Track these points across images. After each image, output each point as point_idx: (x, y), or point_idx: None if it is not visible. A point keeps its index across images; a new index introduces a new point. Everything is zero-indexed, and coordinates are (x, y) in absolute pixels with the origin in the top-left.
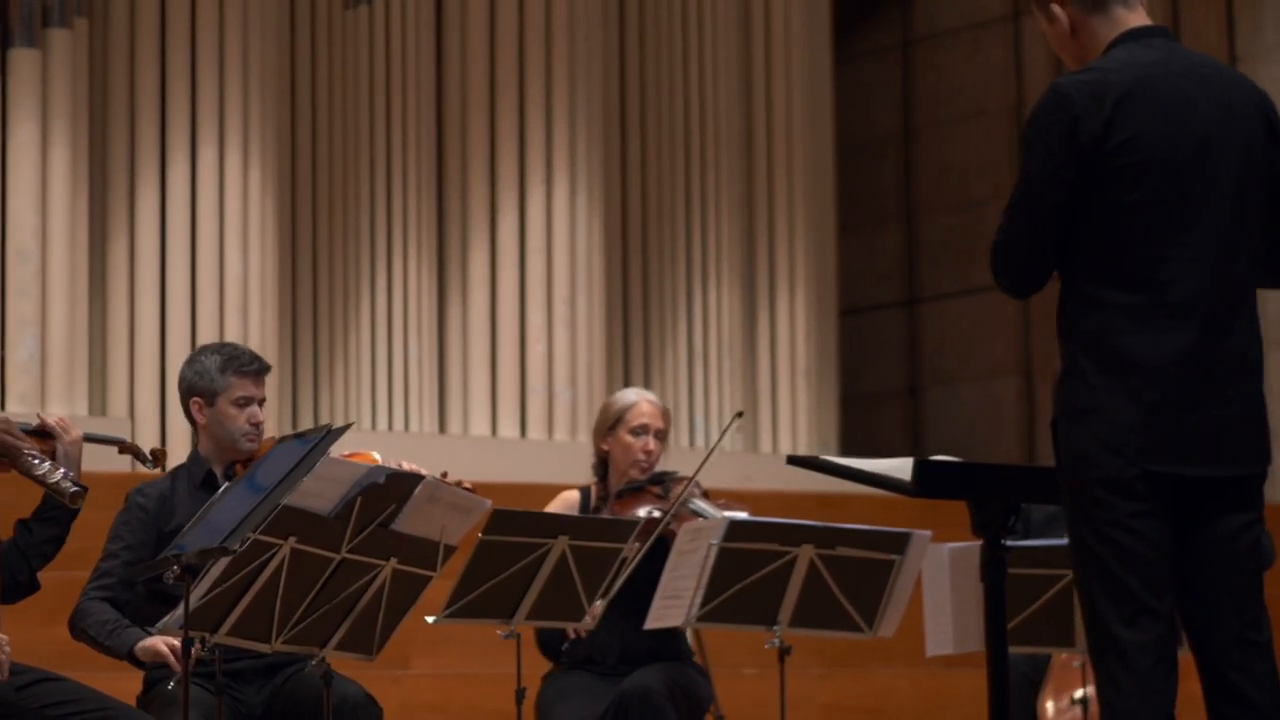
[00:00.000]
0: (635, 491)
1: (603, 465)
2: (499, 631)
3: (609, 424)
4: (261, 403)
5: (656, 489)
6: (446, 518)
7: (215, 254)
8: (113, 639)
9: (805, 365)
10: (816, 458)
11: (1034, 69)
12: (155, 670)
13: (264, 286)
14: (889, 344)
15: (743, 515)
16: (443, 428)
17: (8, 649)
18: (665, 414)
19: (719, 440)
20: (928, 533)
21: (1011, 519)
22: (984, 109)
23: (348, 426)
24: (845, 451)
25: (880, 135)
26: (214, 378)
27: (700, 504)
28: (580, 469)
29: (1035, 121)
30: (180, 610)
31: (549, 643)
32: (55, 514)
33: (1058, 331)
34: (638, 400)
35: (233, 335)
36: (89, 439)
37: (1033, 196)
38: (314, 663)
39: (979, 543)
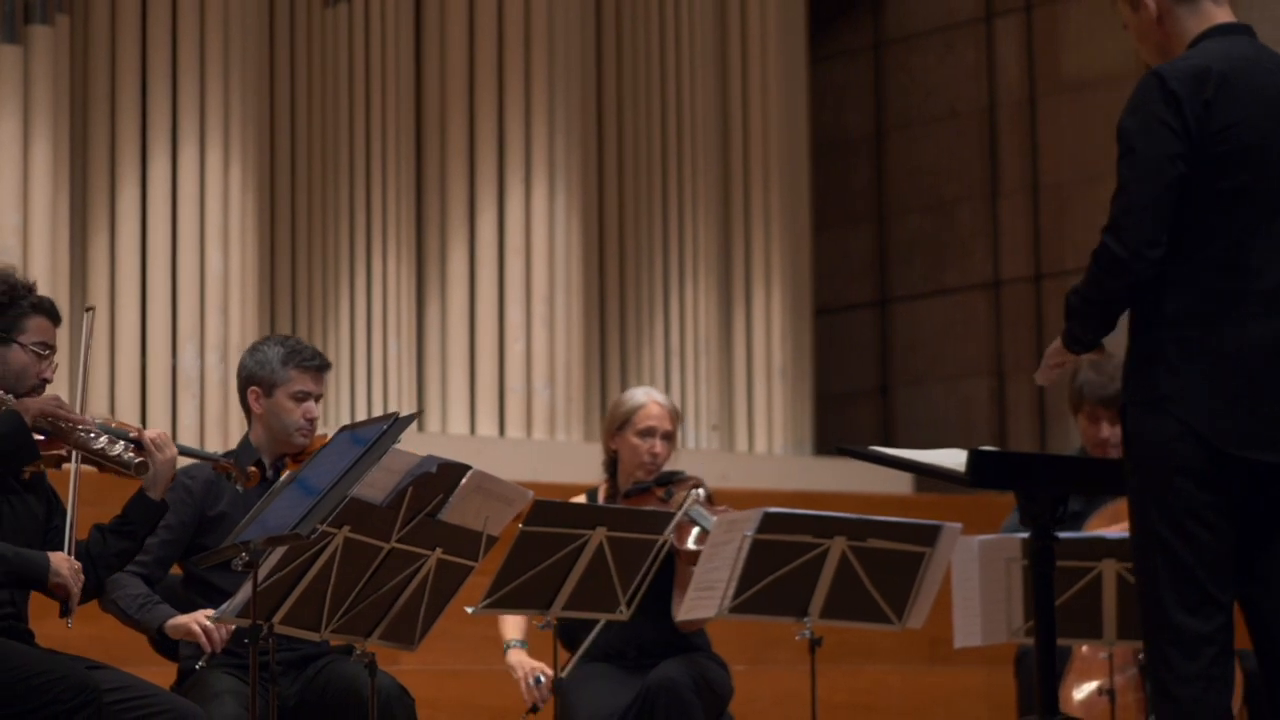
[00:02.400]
0: (640, 493)
1: (612, 463)
2: (535, 622)
3: (617, 424)
4: (318, 399)
5: (660, 492)
6: (490, 508)
7: (196, 251)
8: (142, 614)
9: (781, 364)
10: (869, 448)
11: (1005, 71)
12: (189, 659)
13: (244, 284)
14: (860, 344)
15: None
16: (421, 426)
17: (82, 577)
18: (674, 415)
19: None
20: (958, 525)
21: (1060, 509)
22: (956, 110)
23: (416, 415)
24: (819, 450)
25: (852, 136)
26: (275, 369)
27: (699, 513)
28: (558, 467)
29: (1141, 107)
30: (239, 598)
31: (569, 637)
32: (132, 528)
33: (1133, 316)
34: (646, 402)
35: (213, 333)
36: (184, 453)
37: (1150, 175)
38: (358, 653)
39: (1009, 536)
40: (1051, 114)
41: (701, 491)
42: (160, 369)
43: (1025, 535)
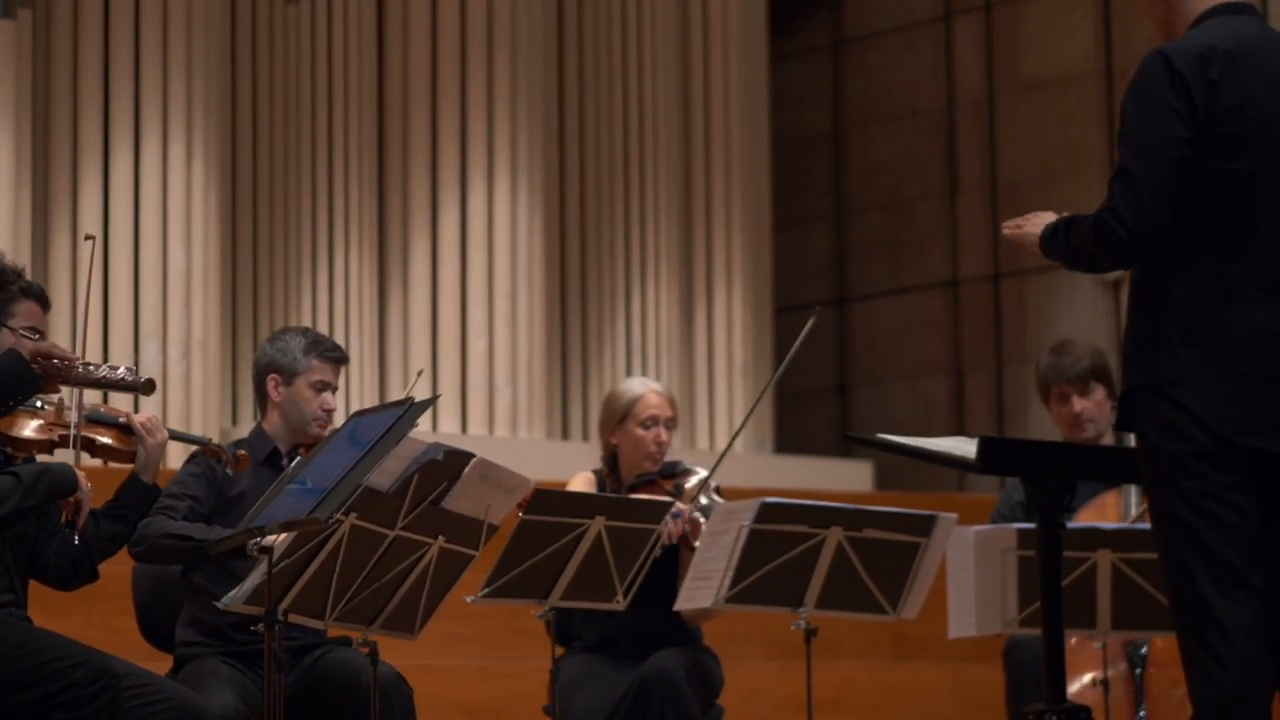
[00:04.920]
0: (647, 485)
1: (612, 459)
2: (534, 612)
3: (617, 418)
4: (335, 391)
5: (669, 483)
6: (492, 496)
7: (158, 247)
8: (213, 532)
9: (742, 361)
10: (878, 437)
11: (964, 70)
12: (186, 648)
13: (206, 280)
14: (819, 342)
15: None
16: None
17: (93, 496)
18: (672, 402)
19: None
20: (953, 515)
21: (1067, 497)
22: (915, 109)
23: (434, 399)
24: (779, 449)
25: (810, 135)
26: (296, 357)
27: (713, 502)
28: (520, 465)
29: (1145, 89)
30: (248, 584)
31: (562, 628)
32: (124, 512)
33: (1134, 299)
34: (644, 392)
35: (176, 329)
36: (174, 437)
37: (1152, 158)
38: (360, 642)
39: (1004, 526)
40: (1010, 113)
41: (713, 483)
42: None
43: (1020, 526)
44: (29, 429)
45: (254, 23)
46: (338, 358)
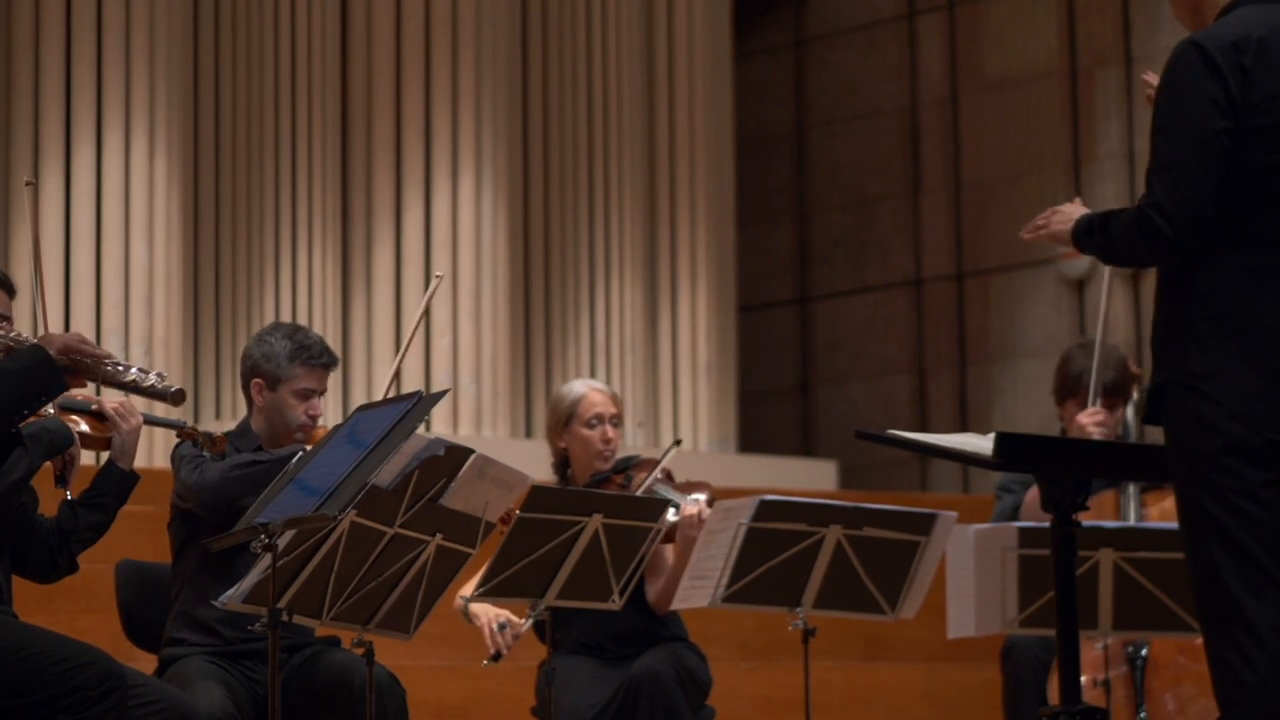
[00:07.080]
0: (600, 484)
1: (563, 463)
2: (528, 611)
3: (562, 420)
4: (322, 394)
5: (619, 478)
6: (490, 493)
7: (120, 244)
8: (275, 454)
9: (706, 360)
10: (889, 433)
11: (928, 69)
12: (173, 646)
13: (169, 277)
14: (781, 341)
15: (703, 496)
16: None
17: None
18: (615, 399)
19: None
20: (953, 514)
21: (1082, 495)
22: (878, 108)
23: (444, 393)
24: (743, 448)
25: (773, 133)
26: (281, 364)
27: (665, 490)
28: None
29: (1181, 80)
30: (247, 583)
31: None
32: (103, 500)
33: (1164, 292)
34: (587, 392)
35: (138, 326)
36: (149, 422)
37: (1195, 152)
38: (356, 641)
39: (1005, 525)
40: (973, 112)
41: (659, 471)
42: None
43: (1022, 525)
44: None
45: (216, 18)
46: (325, 363)
